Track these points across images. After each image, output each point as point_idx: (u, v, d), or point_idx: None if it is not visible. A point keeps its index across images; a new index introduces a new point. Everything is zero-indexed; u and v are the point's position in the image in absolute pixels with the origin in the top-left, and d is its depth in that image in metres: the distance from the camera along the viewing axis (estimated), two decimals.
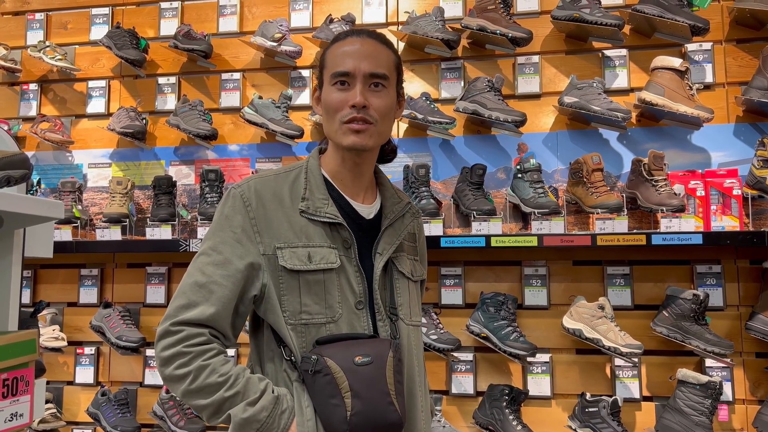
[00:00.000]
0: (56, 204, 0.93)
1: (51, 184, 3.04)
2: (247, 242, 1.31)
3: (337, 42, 1.38)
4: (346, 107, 1.32)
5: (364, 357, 1.26)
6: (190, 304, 1.25)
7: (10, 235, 0.94)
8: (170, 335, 1.23)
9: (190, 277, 1.29)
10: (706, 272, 2.50)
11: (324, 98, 1.36)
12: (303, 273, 1.31)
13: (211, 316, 1.24)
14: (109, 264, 2.97)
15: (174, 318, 1.24)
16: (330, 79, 1.34)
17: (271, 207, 1.34)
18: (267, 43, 2.73)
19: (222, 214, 1.34)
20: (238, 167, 2.91)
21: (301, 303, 1.30)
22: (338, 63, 1.33)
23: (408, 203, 1.49)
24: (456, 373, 2.60)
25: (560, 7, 2.57)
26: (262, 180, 1.38)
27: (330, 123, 1.35)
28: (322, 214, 1.34)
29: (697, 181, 2.45)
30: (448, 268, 2.67)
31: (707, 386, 2.24)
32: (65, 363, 2.94)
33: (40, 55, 2.95)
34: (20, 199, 0.85)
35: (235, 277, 1.28)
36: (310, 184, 1.38)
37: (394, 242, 1.42)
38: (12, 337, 0.85)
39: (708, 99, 2.55)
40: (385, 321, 1.37)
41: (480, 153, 2.72)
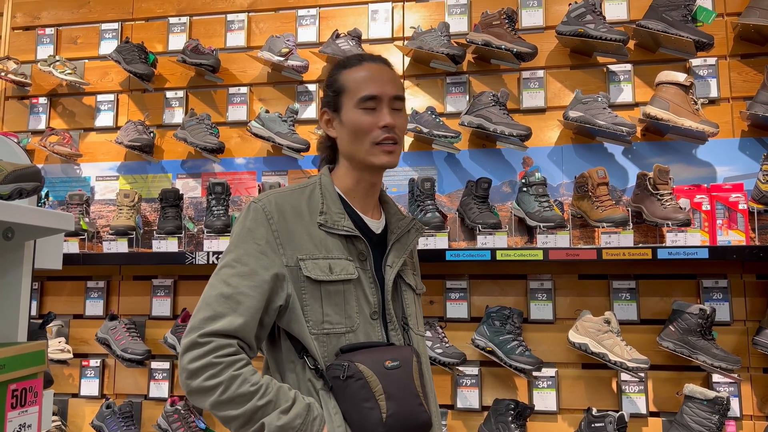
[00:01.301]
0: (66, 216, 0.94)
1: (59, 196, 3.06)
2: (272, 254, 1.34)
3: (353, 67, 1.46)
4: (376, 129, 1.41)
5: (393, 361, 1.32)
6: (217, 315, 1.26)
7: (21, 246, 0.95)
8: (198, 347, 1.23)
9: (214, 289, 1.30)
10: (713, 287, 2.49)
11: (351, 121, 1.42)
12: (325, 283, 1.35)
13: (239, 327, 1.26)
14: (116, 276, 2.98)
15: (201, 329, 1.25)
16: (357, 103, 1.42)
17: (292, 220, 1.38)
18: (274, 58, 2.76)
19: (244, 226, 1.37)
20: (244, 180, 2.93)
21: (323, 313, 1.35)
22: (364, 87, 1.42)
23: (413, 219, 1.58)
24: (461, 388, 2.59)
25: (565, 22, 2.59)
26: (281, 195, 1.43)
27: (358, 144, 1.42)
28: (339, 228, 1.41)
29: (702, 196, 2.45)
30: (453, 282, 2.67)
31: (714, 402, 2.23)
32: (71, 375, 2.94)
33: (50, 69, 2.99)
34: (31, 212, 0.86)
35: (261, 288, 1.30)
36: (326, 199, 1.44)
37: (401, 256, 1.50)
38: (21, 348, 0.86)
39: (713, 114, 2.56)
40: (398, 331, 1.44)
41: (485, 167, 2.74)
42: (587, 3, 2.55)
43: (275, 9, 3.05)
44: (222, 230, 2.63)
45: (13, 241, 0.94)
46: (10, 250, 0.96)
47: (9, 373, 0.82)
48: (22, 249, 0.95)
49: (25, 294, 0.96)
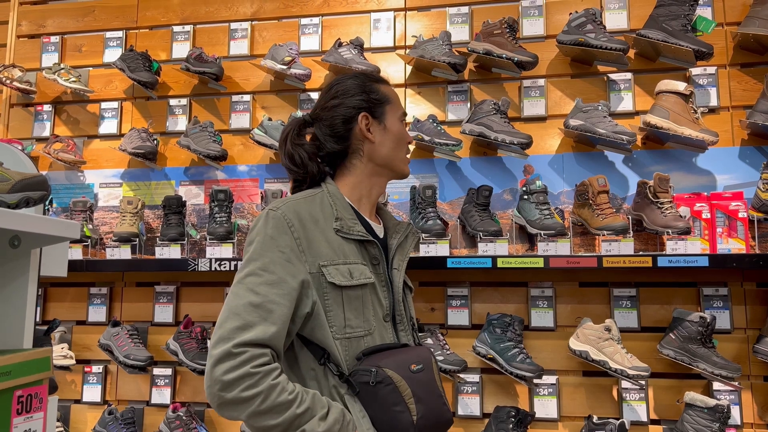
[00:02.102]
0: (72, 224, 0.96)
1: (63, 203, 3.08)
2: (297, 261, 1.35)
3: (384, 83, 1.61)
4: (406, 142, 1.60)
5: (417, 364, 1.38)
6: (248, 324, 1.25)
7: (27, 254, 0.97)
8: (233, 357, 1.21)
9: (241, 298, 1.28)
10: (713, 294, 2.50)
11: (398, 129, 1.56)
12: (346, 288, 1.39)
13: (272, 336, 1.26)
14: (119, 283, 3.00)
15: (233, 339, 1.23)
16: (400, 116, 1.58)
17: (310, 227, 1.41)
18: (277, 66, 2.78)
19: (266, 235, 1.36)
20: (247, 187, 2.95)
21: (345, 317, 1.38)
22: (401, 104, 1.61)
23: (409, 224, 1.64)
24: (462, 395, 2.59)
25: (565, 31, 2.61)
26: (297, 202, 1.45)
27: (399, 152, 1.56)
28: (354, 233, 1.45)
29: (702, 204, 2.46)
30: (454, 289, 2.68)
31: (715, 410, 2.23)
32: (73, 381, 2.95)
33: (54, 77, 3.01)
34: (38, 220, 0.88)
35: (291, 296, 1.31)
36: (337, 206, 1.48)
37: (405, 258, 1.57)
38: (27, 355, 0.87)
39: (713, 122, 2.58)
40: (408, 331, 1.52)
41: (486, 174, 2.75)
42: (588, 12, 2.57)
43: (278, 18, 3.07)
44: (224, 237, 2.65)
45: (19, 249, 0.96)
46: (17, 258, 0.97)
47: (15, 380, 0.83)
48: (28, 257, 0.97)
49: (31, 301, 0.98)
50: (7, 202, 0.85)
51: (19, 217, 0.82)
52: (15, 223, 0.82)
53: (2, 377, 0.81)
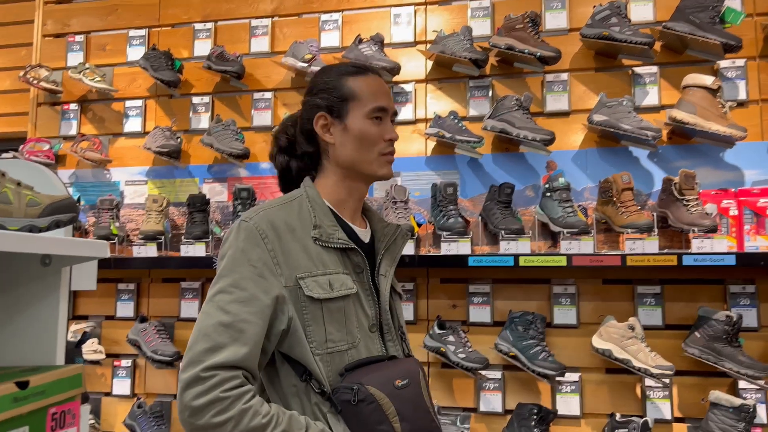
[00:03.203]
0: (101, 244, 0.98)
1: (90, 200, 3.14)
2: (270, 276, 1.27)
3: (361, 75, 1.42)
4: (382, 141, 1.40)
5: (402, 379, 1.29)
6: (218, 346, 1.18)
7: (58, 272, 0.99)
8: (202, 381, 1.15)
9: (211, 318, 1.21)
10: (740, 292, 2.46)
11: (360, 129, 1.38)
12: (326, 301, 1.30)
13: (243, 357, 1.19)
14: (145, 279, 3.05)
15: (203, 363, 1.16)
16: (368, 112, 1.39)
17: (286, 237, 1.32)
18: (297, 64, 2.78)
19: (237, 248, 1.28)
20: (269, 185, 2.97)
21: (326, 332, 1.29)
22: (378, 98, 1.41)
23: (398, 226, 1.53)
24: (484, 391, 2.60)
25: (589, 25, 2.57)
26: (272, 210, 1.35)
27: (364, 153, 1.39)
28: (335, 241, 1.36)
29: (729, 201, 2.42)
30: (476, 286, 2.68)
31: (740, 409, 2.21)
32: (103, 375, 3.03)
33: (80, 77, 3.05)
34: (68, 243, 0.90)
35: (263, 313, 1.24)
36: (317, 212, 1.38)
37: (393, 264, 1.47)
38: (60, 373, 0.90)
39: (741, 116, 2.52)
40: (396, 341, 1.42)
41: (508, 170, 2.73)
42: (612, 5, 2.52)
43: (298, 14, 3.07)
44: None
45: (50, 267, 0.99)
46: (48, 276, 1.00)
47: (49, 398, 0.86)
48: (59, 274, 0.99)
49: (63, 318, 1.00)
50: (38, 226, 0.87)
51: (50, 242, 0.85)
52: (47, 248, 0.84)
53: (37, 397, 0.84)
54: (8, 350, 0.99)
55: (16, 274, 1.00)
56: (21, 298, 1.00)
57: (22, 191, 0.88)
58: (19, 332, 1.00)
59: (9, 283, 1.00)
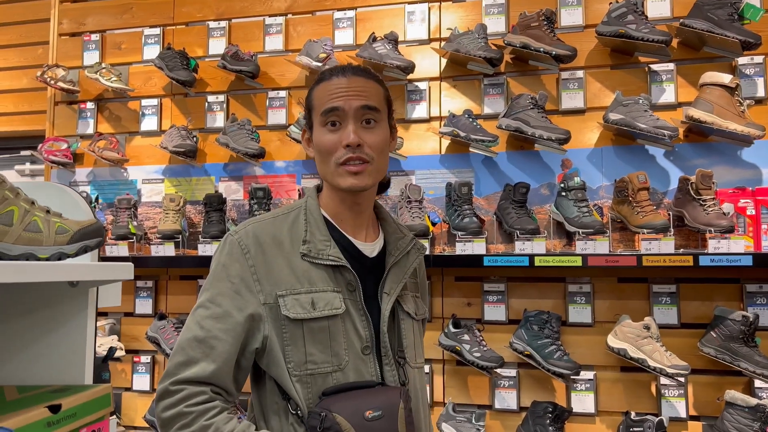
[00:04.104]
0: (126, 267, 1.01)
1: (108, 199, 3.18)
2: (247, 292, 1.24)
3: (323, 81, 1.33)
4: (340, 148, 1.27)
5: (375, 411, 1.20)
6: (190, 360, 1.19)
7: (85, 292, 1.02)
8: (170, 395, 1.17)
9: (189, 331, 1.23)
10: (757, 291, 2.46)
11: (316, 140, 1.30)
12: (307, 321, 1.25)
13: (212, 374, 1.19)
14: (163, 276, 3.10)
15: (174, 376, 1.18)
16: (321, 119, 1.29)
17: (271, 252, 1.28)
18: (312, 63, 2.79)
19: (219, 263, 1.28)
20: (284, 183, 2.99)
21: (306, 353, 1.24)
22: (326, 100, 1.29)
23: (413, 239, 1.43)
24: (499, 389, 2.63)
25: (605, 22, 2.54)
26: (260, 224, 1.33)
27: (324, 165, 1.30)
28: (324, 257, 1.29)
29: (747, 200, 2.40)
30: (491, 284, 2.69)
31: (756, 409, 2.21)
32: (123, 370, 3.08)
33: (96, 77, 3.08)
34: (95, 268, 0.92)
35: (235, 331, 1.22)
36: (310, 226, 1.32)
37: (400, 281, 1.36)
38: (90, 394, 0.92)
39: (760, 113, 2.50)
40: (393, 366, 1.32)
41: (523, 169, 2.73)
42: (629, 2, 2.49)
43: (312, 12, 3.07)
44: None
45: (77, 288, 1.01)
46: (76, 296, 1.03)
47: (80, 419, 0.89)
48: (86, 295, 1.02)
49: (90, 336, 1.03)
50: (67, 253, 0.90)
51: (78, 269, 0.87)
52: (75, 275, 0.86)
53: (69, 420, 0.87)
54: (38, 369, 1.02)
55: (44, 294, 1.02)
56: (49, 318, 1.02)
57: (51, 219, 0.90)
58: (48, 351, 1.03)
59: (37, 303, 1.03)
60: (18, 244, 0.86)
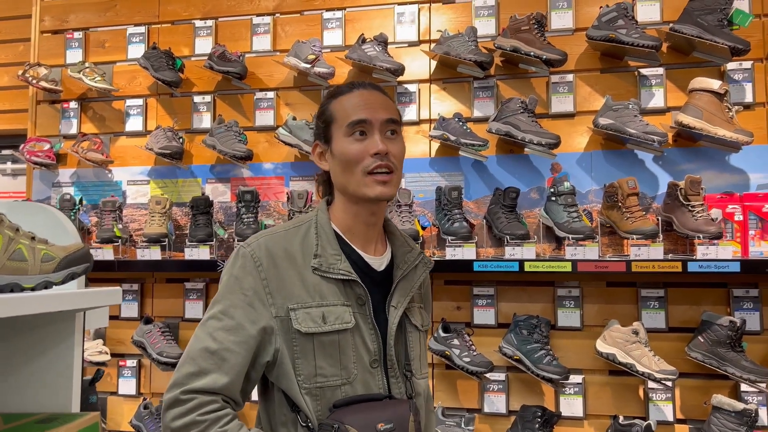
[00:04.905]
0: (114, 292, 0.98)
1: (92, 200, 3.13)
2: (259, 305, 1.27)
3: (343, 95, 1.36)
4: (367, 156, 1.29)
5: (387, 423, 1.22)
6: (201, 371, 1.21)
7: (71, 318, 0.99)
8: (181, 404, 1.18)
9: (200, 342, 1.24)
10: (743, 296, 2.48)
11: (341, 150, 1.32)
12: (317, 335, 1.27)
13: (224, 386, 1.21)
14: (149, 279, 3.06)
15: (184, 386, 1.20)
16: (346, 131, 1.32)
17: (283, 265, 1.30)
18: (300, 65, 2.75)
19: (231, 275, 1.30)
20: (273, 185, 2.96)
21: (316, 366, 1.27)
22: (353, 113, 1.32)
23: (420, 252, 1.46)
24: (488, 393, 2.63)
25: (595, 26, 2.54)
26: (273, 237, 1.35)
27: (349, 175, 1.31)
28: (335, 271, 1.31)
29: (735, 206, 2.41)
30: (480, 288, 2.69)
31: (743, 414, 2.24)
32: (108, 374, 3.04)
33: (79, 77, 3.02)
34: (82, 296, 0.90)
35: (248, 344, 1.24)
36: (321, 240, 1.34)
37: (408, 294, 1.39)
38: (79, 424, 0.90)
39: (748, 119, 2.51)
40: (399, 379, 1.35)
41: (513, 173, 2.72)
42: (619, 7, 2.49)
43: (300, 11, 3.03)
44: None
45: (64, 313, 0.99)
46: (62, 321, 1.00)
47: None
48: (73, 320, 0.99)
49: (78, 362, 1.01)
50: (53, 281, 0.87)
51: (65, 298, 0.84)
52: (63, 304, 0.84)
53: None
54: (24, 396, 1.00)
55: (30, 319, 1.00)
56: (35, 344, 1.00)
57: (37, 246, 0.87)
58: (34, 378, 1.00)
59: (23, 328, 1.00)
60: (2, 274, 0.83)
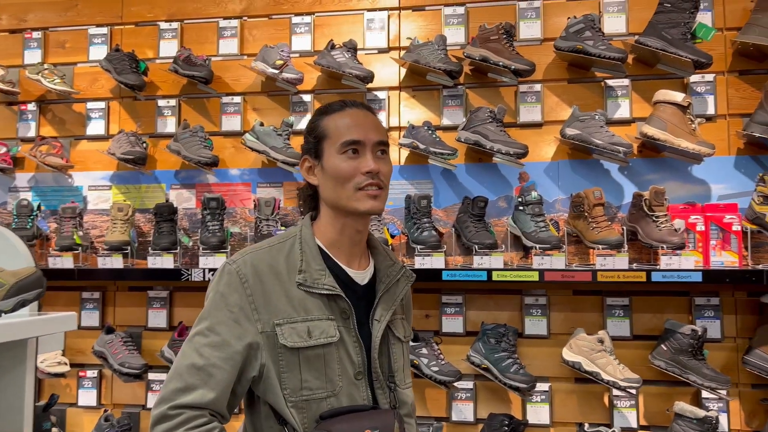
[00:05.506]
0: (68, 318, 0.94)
1: (51, 206, 3.03)
2: (245, 321, 1.29)
3: (336, 112, 1.41)
4: (359, 174, 1.34)
5: (373, 430, 1.26)
6: (188, 387, 1.23)
7: (23, 345, 0.95)
8: (169, 419, 1.21)
9: (187, 358, 1.27)
10: (705, 304, 2.53)
11: (333, 167, 1.36)
12: (303, 349, 1.30)
13: (210, 401, 1.24)
14: (111, 287, 2.98)
15: (172, 401, 1.22)
16: (339, 148, 1.36)
17: (269, 281, 1.33)
18: (268, 70, 2.71)
19: (217, 292, 1.32)
20: (239, 192, 2.91)
21: (301, 379, 1.30)
22: (346, 132, 1.37)
23: (402, 267, 1.49)
24: (456, 401, 2.63)
25: (563, 37, 2.56)
26: (258, 254, 1.37)
27: (340, 190, 1.36)
28: (320, 286, 1.34)
29: (697, 216, 2.46)
30: (449, 297, 2.69)
31: (704, 421, 2.28)
32: (68, 385, 2.96)
33: (38, 78, 2.92)
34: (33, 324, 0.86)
35: (234, 360, 1.27)
36: (305, 255, 1.37)
37: (391, 308, 1.42)
38: None
39: (709, 130, 2.56)
40: (385, 390, 1.39)
41: (481, 181, 2.73)
42: (587, 18, 2.51)
43: (268, 15, 2.98)
44: (217, 247, 2.63)
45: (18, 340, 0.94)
46: (15, 348, 0.96)
47: None
48: (25, 346, 0.95)
49: (30, 390, 0.96)
50: (2, 310, 0.83)
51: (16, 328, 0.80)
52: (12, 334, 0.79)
53: None
54: None
55: None
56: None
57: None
58: None
59: None
60: None
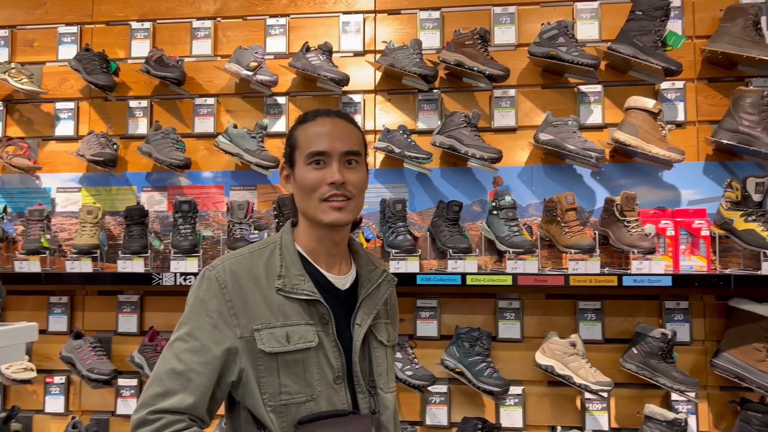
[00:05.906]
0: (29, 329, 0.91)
1: (18, 208, 2.96)
2: (224, 327, 1.30)
3: (308, 122, 1.42)
4: (324, 185, 1.35)
5: None
6: (168, 392, 1.25)
7: None
8: (149, 424, 1.22)
9: (166, 363, 1.28)
10: (675, 308, 2.57)
11: (299, 177, 1.38)
12: (282, 354, 1.31)
13: (189, 406, 1.25)
14: (80, 291, 2.92)
15: (151, 406, 1.23)
16: (305, 159, 1.37)
17: (248, 287, 1.34)
18: (242, 72, 2.68)
19: (197, 297, 1.33)
20: (212, 195, 2.87)
21: (280, 384, 1.31)
22: (313, 143, 1.37)
23: (384, 271, 1.49)
24: (430, 405, 2.63)
25: (537, 43, 2.58)
26: (237, 260, 1.38)
27: (307, 201, 1.37)
28: (299, 291, 1.35)
29: (667, 221, 2.50)
30: (423, 300, 2.69)
31: (673, 423, 2.32)
32: (34, 391, 2.89)
33: (4, 77, 2.85)
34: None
35: (212, 364, 1.28)
36: (285, 261, 1.38)
37: (372, 312, 1.42)
38: None
39: (679, 137, 2.60)
40: (365, 394, 1.39)
41: (456, 185, 2.74)
42: (560, 25, 2.53)
43: (243, 16, 2.95)
44: (189, 251, 2.59)
45: None
46: None
47: None
48: None
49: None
50: None
51: None
52: None
53: None
54: None
55: None
56: None
57: None
58: None
59: None
60: None
